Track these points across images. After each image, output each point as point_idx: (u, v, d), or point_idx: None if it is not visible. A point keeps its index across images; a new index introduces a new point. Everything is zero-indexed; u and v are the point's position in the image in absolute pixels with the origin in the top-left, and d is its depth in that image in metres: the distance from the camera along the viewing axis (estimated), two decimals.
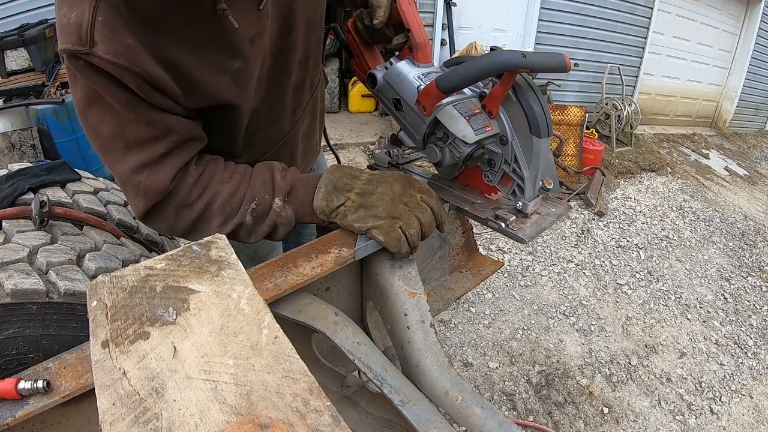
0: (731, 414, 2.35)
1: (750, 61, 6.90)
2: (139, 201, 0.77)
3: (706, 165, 5.85)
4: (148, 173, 0.73)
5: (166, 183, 0.75)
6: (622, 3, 5.40)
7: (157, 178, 0.74)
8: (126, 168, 0.74)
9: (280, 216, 0.82)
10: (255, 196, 0.81)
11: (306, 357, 0.76)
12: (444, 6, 4.73)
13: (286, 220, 0.82)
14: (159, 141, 0.73)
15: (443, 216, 0.83)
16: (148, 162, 0.73)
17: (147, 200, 0.76)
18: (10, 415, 0.54)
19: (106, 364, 0.50)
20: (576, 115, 4.58)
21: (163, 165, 0.74)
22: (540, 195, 0.90)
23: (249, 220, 0.81)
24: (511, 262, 3.30)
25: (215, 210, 0.80)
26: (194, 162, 0.80)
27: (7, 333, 0.91)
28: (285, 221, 0.82)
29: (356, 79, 5.91)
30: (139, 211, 0.79)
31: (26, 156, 3.38)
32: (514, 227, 0.85)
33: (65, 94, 3.60)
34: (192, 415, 0.44)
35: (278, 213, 0.81)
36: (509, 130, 0.82)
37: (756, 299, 3.30)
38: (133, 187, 0.75)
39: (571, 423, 2.19)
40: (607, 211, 4.14)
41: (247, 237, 0.83)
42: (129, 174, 0.74)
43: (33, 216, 1.13)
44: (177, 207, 0.78)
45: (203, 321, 0.55)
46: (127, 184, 0.76)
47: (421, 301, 0.80)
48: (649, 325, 2.87)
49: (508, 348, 2.56)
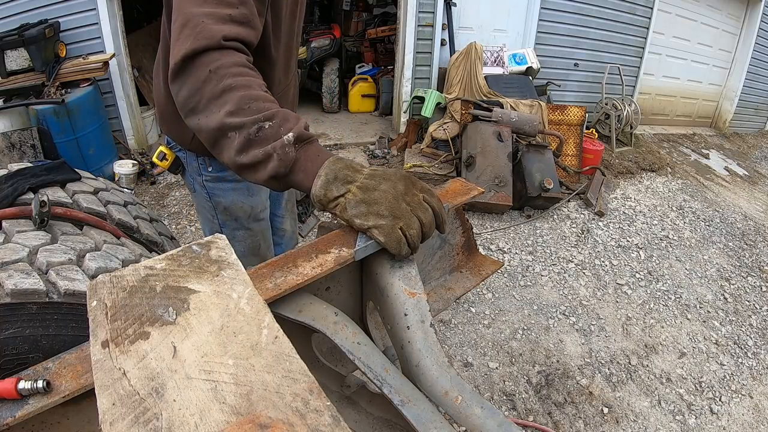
0: (731, 414, 2.35)
1: (750, 61, 6.89)
2: (187, 41, 0.79)
3: (706, 165, 5.85)
4: (213, 21, 0.81)
5: (220, 37, 0.80)
6: (622, 3, 5.40)
7: (217, 28, 0.80)
8: (197, 10, 0.82)
9: (284, 151, 0.76)
10: (274, 117, 0.78)
11: (306, 357, 0.76)
12: (444, 6, 4.73)
13: (285, 160, 0.77)
14: (234, 6, 0.84)
15: (444, 216, 0.82)
16: (217, 14, 0.81)
17: (196, 42, 0.79)
18: (10, 415, 0.54)
19: (106, 364, 0.50)
20: (576, 115, 4.58)
21: (227, 23, 0.82)
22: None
23: (254, 130, 0.76)
24: (511, 262, 3.30)
25: (236, 97, 0.78)
26: (247, 55, 0.86)
27: (7, 333, 0.91)
28: (282, 160, 0.77)
29: (356, 79, 5.92)
30: (181, 52, 0.79)
31: (26, 156, 3.38)
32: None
33: (65, 94, 3.60)
34: (192, 415, 0.44)
35: (283, 146, 0.76)
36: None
37: (756, 299, 3.30)
38: (193, 27, 0.80)
39: (571, 423, 2.19)
40: (607, 211, 4.14)
41: (238, 152, 0.78)
42: (197, 14, 0.81)
43: (33, 216, 1.13)
44: (212, 70, 0.79)
45: (203, 321, 0.55)
46: (188, 24, 0.80)
47: (421, 301, 0.80)
48: (649, 325, 2.87)
49: (508, 348, 2.56)
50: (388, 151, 4.82)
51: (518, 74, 4.89)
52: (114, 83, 4.17)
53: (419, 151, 4.52)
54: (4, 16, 3.84)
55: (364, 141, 5.06)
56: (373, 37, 6.01)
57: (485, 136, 3.87)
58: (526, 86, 4.74)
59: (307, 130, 0.81)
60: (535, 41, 5.15)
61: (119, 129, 4.31)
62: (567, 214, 4.01)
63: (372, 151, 4.83)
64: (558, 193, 3.80)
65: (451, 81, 4.72)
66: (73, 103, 3.55)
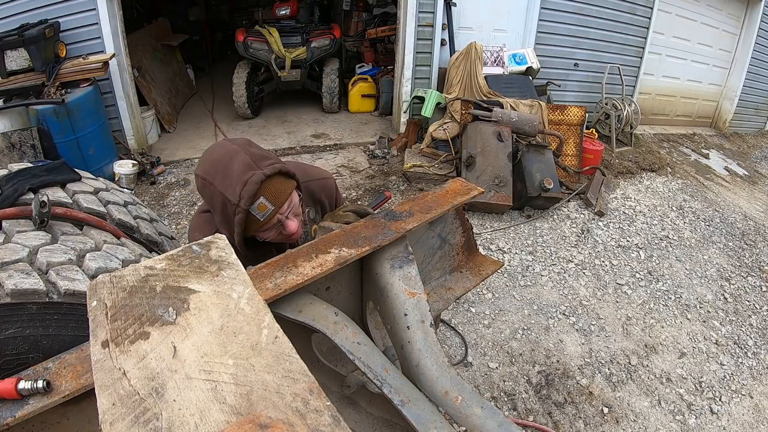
0: (731, 414, 2.35)
1: (750, 61, 6.88)
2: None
3: (706, 165, 5.84)
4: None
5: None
6: (622, 3, 5.39)
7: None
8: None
9: None
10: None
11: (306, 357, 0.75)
12: (444, 6, 4.73)
13: None
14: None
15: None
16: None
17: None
18: (10, 415, 0.54)
19: (106, 364, 0.50)
20: (576, 115, 4.58)
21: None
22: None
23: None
24: (511, 262, 3.30)
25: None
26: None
27: (7, 333, 0.91)
28: None
29: (356, 79, 5.92)
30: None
31: (26, 156, 3.38)
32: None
33: (65, 94, 3.60)
34: (192, 415, 0.44)
35: None
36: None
37: (756, 299, 3.30)
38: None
39: (571, 423, 2.19)
40: (607, 211, 4.14)
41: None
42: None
43: (33, 216, 1.13)
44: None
45: (203, 321, 0.55)
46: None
47: (421, 301, 0.80)
48: (649, 325, 2.87)
49: (508, 348, 2.56)
50: (388, 151, 4.82)
51: (518, 74, 4.88)
52: (114, 83, 4.17)
53: (419, 151, 4.52)
54: (4, 16, 3.83)
55: (364, 141, 5.06)
56: (373, 37, 6.01)
57: (485, 136, 3.87)
58: (526, 86, 4.74)
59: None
60: (535, 41, 5.15)
61: (119, 129, 4.31)
62: (567, 214, 4.00)
63: (372, 151, 4.83)
64: (558, 193, 3.80)
65: (451, 81, 4.72)
66: (73, 103, 3.54)
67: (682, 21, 6.20)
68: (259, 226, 1.10)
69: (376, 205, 1.37)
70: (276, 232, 1.15)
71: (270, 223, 1.11)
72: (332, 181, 1.49)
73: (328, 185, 1.46)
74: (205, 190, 1.10)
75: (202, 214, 1.28)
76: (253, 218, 1.07)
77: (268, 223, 1.10)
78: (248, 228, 1.09)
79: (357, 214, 1.17)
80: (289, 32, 5.33)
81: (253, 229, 1.11)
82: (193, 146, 4.74)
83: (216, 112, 5.69)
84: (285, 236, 1.16)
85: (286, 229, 1.14)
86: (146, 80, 4.85)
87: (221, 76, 6.71)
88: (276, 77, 5.29)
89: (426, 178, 4.23)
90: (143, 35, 5.26)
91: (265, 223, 1.10)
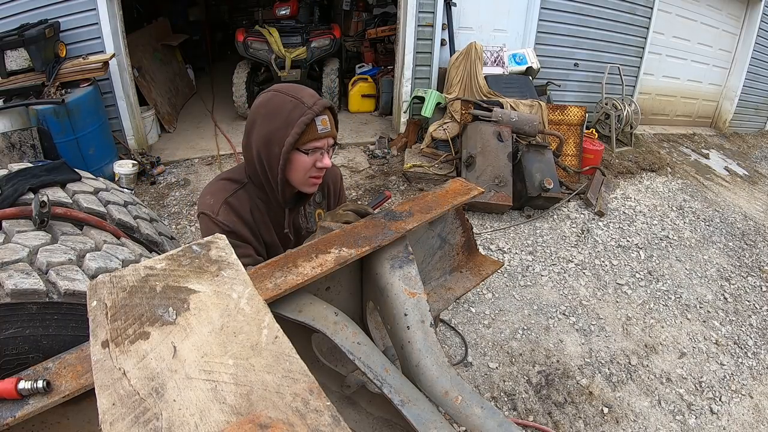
0: (731, 414, 2.35)
1: (750, 61, 6.88)
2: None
3: (706, 165, 5.84)
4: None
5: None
6: (622, 3, 5.39)
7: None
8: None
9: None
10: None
11: (306, 357, 0.75)
12: (444, 6, 4.73)
13: None
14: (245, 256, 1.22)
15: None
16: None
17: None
18: (10, 415, 0.54)
19: (106, 364, 0.50)
20: (576, 115, 4.58)
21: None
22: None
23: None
24: (511, 262, 3.30)
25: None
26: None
27: (7, 333, 0.91)
28: None
29: (356, 79, 5.92)
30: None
31: (26, 156, 3.38)
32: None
33: (65, 94, 3.60)
34: (192, 415, 0.44)
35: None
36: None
37: (756, 299, 3.30)
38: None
39: (571, 423, 2.19)
40: (607, 211, 4.14)
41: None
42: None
43: (33, 216, 1.13)
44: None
45: (203, 321, 0.55)
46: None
47: (421, 301, 0.80)
48: (649, 325, 2.87)
49: (508, 348, 2.56)
50: (388, 151, 4.82)
51: (518, 74, 4.88)
52: (114, 83, 4.17)
53: (419, 151, 4.52)
54: (4, 16, 3.83)
55: (364, 141, 5.06)
56: (373, 37, 6.01)
57: (485, 136, 3.87)
58: (526, 86, 4.74)
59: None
60: (535, 41, 5.15)
61: (119, 129, 4.31)
62: (567, 214, 4.00)
63: (372, 151, 4.82)
64: (558, 193, 3.80)
65: (451, 81, 4.72)
66: (73, 103, 3.54)
67: (682, 21, 6.20)
68: (313, 137, 1.20)
69: (376, 204, 1.37)
70: (312, 161, 1.24)
71: (320, 141, 1.22)
72: (339, 170, 1.60)
73: (335, 173, 1.56)
74: (273, 100, 1.20)
75: (220, 181, 1.33)
76: (313, 127, 1.19)
77: (320, 140, 1.21)
78: (305, 135, 1.19)
79: (357, 214, 1.17)
80: (289, 32, 5.33)
81: (307, 138, 1.20)
82: (193, 146, 4.74)
83: (216, 112, 5.69)
84: (317, 172, 1.26)
85: (323, 161, 1.25)
86: (146, 80, 4.85)
87: (221, 76, 6.71)
88: (276, 77, 5.29)
89: (426, 178, 4.23)
90: (143, 35, 5.25)
91: (319, 138, 1.21)
